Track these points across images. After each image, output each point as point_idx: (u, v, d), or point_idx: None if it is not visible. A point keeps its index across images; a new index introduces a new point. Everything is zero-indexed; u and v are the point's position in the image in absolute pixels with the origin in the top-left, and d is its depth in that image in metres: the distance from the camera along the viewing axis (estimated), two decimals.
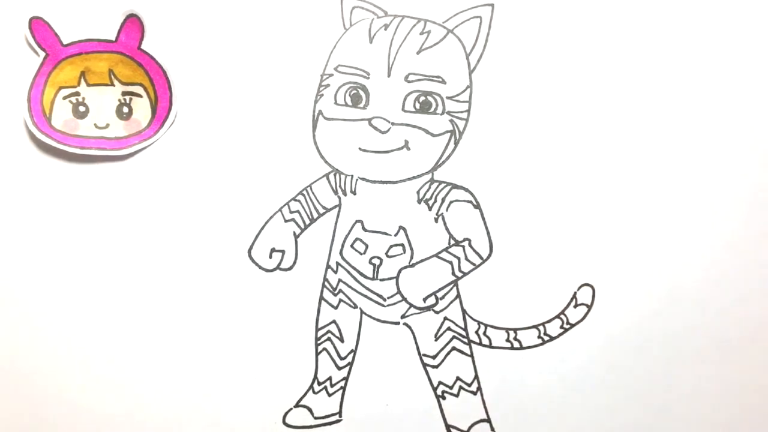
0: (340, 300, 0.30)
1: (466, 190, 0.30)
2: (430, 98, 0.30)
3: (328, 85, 0.30)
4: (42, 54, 0.30)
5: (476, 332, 0.30)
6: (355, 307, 0.30)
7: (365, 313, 0.30)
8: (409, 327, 0.30)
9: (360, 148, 0.30)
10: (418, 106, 0.30)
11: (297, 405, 0.30)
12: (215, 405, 0.30)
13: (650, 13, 0.30)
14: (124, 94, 0.30)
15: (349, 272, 0.30)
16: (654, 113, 0.30)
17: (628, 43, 0.30)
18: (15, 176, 0.30)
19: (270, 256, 0.30)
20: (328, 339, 0.30)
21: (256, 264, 0.30)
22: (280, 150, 0.30)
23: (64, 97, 0.30)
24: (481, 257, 0.30)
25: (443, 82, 0.30)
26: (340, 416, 0.30)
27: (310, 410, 0.29)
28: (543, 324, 0.30)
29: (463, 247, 0.30)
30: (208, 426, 0.30)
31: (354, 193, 0.30)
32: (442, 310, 0.30)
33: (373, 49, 0.30)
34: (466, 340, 0.30)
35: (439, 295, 0.30)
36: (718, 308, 0.30)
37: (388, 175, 0.30)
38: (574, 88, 0.30)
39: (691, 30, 0.30)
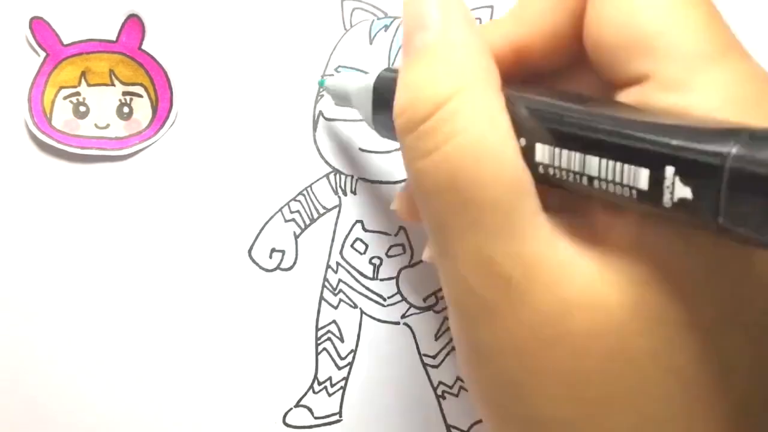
0: (340, 300, 0.30)
1: None
2: None
3: None
4: (42, 54, 0.30)
5: None
6: (355, 307, 0.30)
7: (365, 313, 0.30)
8: (409, 327, 0.30)
9: (360, 149, 0.30)
10: None
11: (297, 405, 0.30)
12: (215, 405, 0.29)
13: None
14: (125, 94, 0.30)
15: (349, 272, 0.30)
16: None
17: None
18: (15, 176, 0.30)
19: (270, 256, 0.30)
20: (329, 339, 0.30)
21: (256, 264, 0.30)
22: (281, 150, 0.30)
23: (65, 97, 0.30)
24: None
25: None
26: (340, 416, 0.30)
27: (310, 410, 0.29)
28: None
29: None
30: (208, 426, 0.29)
31: (354, 193, 0.30)
32: (442, 310, 0.30)
33: (374, 50, 0.30)
34: None
35: (439, 295, 0.30)
36: None
37: (388, 175, 0.30)
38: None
39: None
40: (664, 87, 0.17)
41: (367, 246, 0.30)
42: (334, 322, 0.30)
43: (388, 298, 0.30)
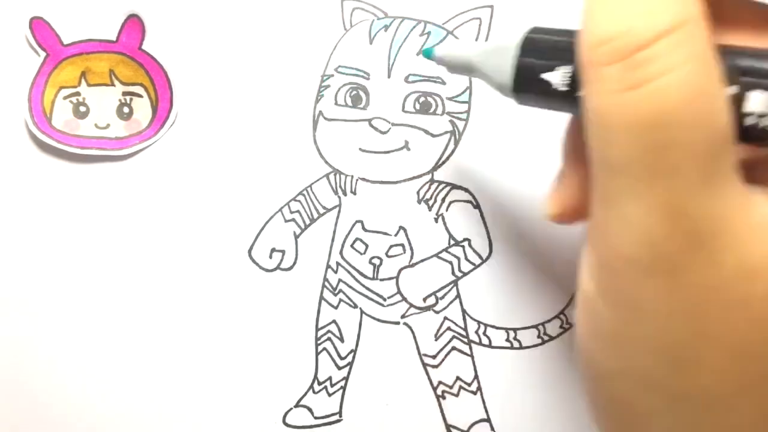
0: (340, 300, 0.30)
1: (466, 190, 0.30)
2: (429, 99, 0.30)
3: (328, 86, 0.30)
4: (42, 54, 0.30)
5: (476, 332, 0.30)
6: (355, 307, 0.30)
7: (365, 313, 0.30)
8: (409, 327, 0.30)
9: (360, 149, 0.30)
10: (418, 106, 0.30)
11: (297, 405, 0.30)
12: (215, 405, 0.30)
13: None
14: (125, 94, 0.30)
15: (349, 272, 0.30)
16: None
17: None
18: (15, 176, 0.30)
19: (270, 256, 0.30)
20: (328, 339, 0.30)
21: (256, 264, 0.30)
22: (281, 150, 0.30)
23: (65, 97, 0.30)
24: (480, 257, 0.30)
25: (443, 82, 0.30)
26: (340, 416, 0.30)
27: (310, 410, 0.29)
28: (543, 324, 0.30)
29: (463, 247, 0.30)
30: (208, 426, 0.29)
31: (354, 193, 0.30)
32: (442, 310, 0.30)
33: (374, 50, 0.30)
34: (466, 340, 0.30)
35: (439, 295, 0.30)
36: None
37: (388, 176, 0.30)
38: None
39: None
40: None
41: (367, 246, 0.30)
42: (334, 322, 0.30)
43: (388, 298, 0.30)
